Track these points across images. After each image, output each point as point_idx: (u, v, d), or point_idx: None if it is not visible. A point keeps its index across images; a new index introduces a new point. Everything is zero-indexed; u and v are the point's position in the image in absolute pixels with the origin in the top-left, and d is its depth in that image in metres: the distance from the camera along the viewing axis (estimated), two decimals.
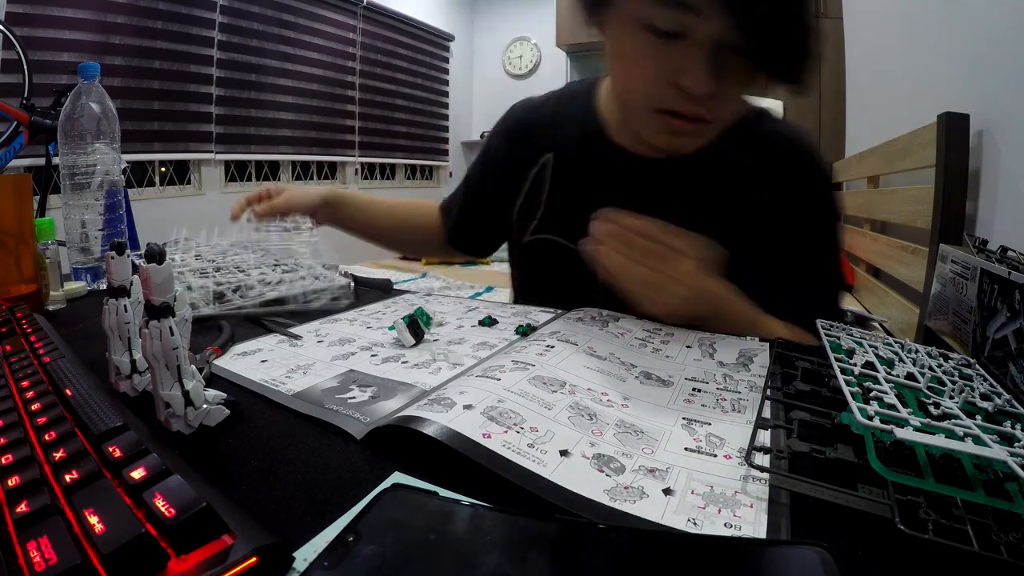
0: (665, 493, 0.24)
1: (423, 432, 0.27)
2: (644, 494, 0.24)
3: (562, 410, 0.30)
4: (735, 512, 0.23)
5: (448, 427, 0.27)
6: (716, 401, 0.34)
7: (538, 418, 0.29)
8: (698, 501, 0.23)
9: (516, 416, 0.29)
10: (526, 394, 0.32)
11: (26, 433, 0.25)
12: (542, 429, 0.28)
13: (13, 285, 0.55)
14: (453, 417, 0.28)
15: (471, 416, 0.28)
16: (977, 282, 0.54)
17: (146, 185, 2.66)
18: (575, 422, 0.29)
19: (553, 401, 0.31)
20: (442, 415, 0.28)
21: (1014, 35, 1.06)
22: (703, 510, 0.23)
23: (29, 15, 2.06)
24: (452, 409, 0.29)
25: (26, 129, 1.73)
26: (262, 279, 0.59)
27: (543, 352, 0.39)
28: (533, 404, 0.31)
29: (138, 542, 0.17)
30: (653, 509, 0.23)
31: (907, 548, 0.21)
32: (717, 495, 0.24)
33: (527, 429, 0.28)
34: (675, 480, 0.25)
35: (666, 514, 0.22)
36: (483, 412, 0.29)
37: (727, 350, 0.43)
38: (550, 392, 0.32)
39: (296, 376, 0.38)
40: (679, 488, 0.24)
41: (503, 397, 0.31)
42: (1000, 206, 1.10)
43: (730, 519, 0.22)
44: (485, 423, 0.28)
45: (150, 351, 0.28)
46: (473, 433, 0.27)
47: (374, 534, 0.19)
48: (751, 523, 0.22)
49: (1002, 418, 0.29)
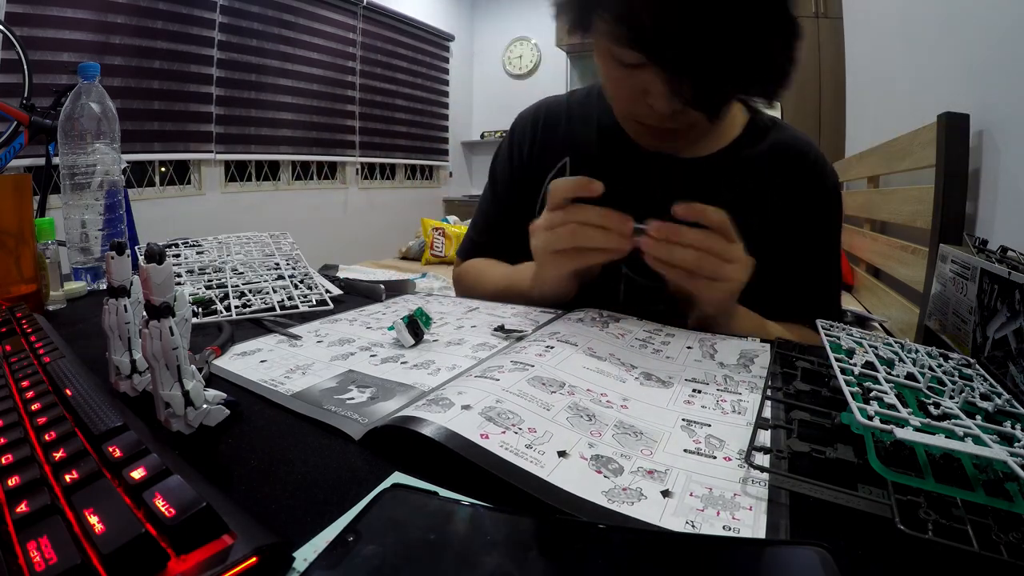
0: (663, 495, 0.24)
1: (420, 432, 0.27)
2: (642, 496, 0.24)
3: (561, 411, 0.30)
4: (734, 515, 0.22)
5: (446, 427, 0.27)
6: (716, 403, 0.33)
7: (536, 419, 0.29)
8: (697, 503, 0.23)
9: (514, 416, 0.29)
10: (525, 395, 0.32)
11: (26, 433, 0.25)
12: (540, 430, 0.28)
13: (13, 285, 0.55)
14: (451, 417, 0.28)
15: (469, 416, 0.28)
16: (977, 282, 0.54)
17: (146, 185, 2.66)
18: (574, 423, 0.29)
19: (552, 402, 0.31)
20: (440, 415, 0.28)
21: (1014, 35, 1.06)
22: (702, 512, 0.23)
23: (29, 15, 2.06)
24: (450, 409, 0.29)
25: (26, 129, 1.73)
26: (248, 285, 0.60)
27: (542, 353, 0.39)
28: (532, 405, 0.30)
29: (138, 542, 0.17)
30: (651, 511, 0.23)
31: (907, 548, 0.21)
32: (716, 497, 0.24)
33: (525, 430, 0.28)
34: (674, 482, 0.25)
35: (664, 516, 0.22)
36: (481, 412, 0.29)
37: (728, 351, 0.43)
38: (549, 393, 0.32)
39: (295, 376, 0.38)
40: (678, 490, 0.24)
41: (501, 397, 0.31)
42: (1000, 206, 1.10)
43: (729, 522, 0.22)
44: (483, 423, 0.28)
45: (150, 351, 0.28)
46: (471, 433, 0.26)
47: (374, 534, 0.19)
48: (750, 526, 0.22)
49: (1002, 418, 0.29)
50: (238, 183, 3.12)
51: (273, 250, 0.73)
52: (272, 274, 0.65)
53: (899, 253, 1.47)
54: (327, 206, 3.60)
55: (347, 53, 3.57)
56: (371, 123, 3.81)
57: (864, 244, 1.87)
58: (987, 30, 1.17)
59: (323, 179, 3.65)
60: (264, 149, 3.13)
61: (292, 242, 0.76)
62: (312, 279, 0.65)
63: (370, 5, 3.63)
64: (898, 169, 1.53)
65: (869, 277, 1.80)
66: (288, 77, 3.19)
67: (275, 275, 0.65)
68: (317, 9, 3.33)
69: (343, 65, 3.55)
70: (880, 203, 1.72)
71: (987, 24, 1.17)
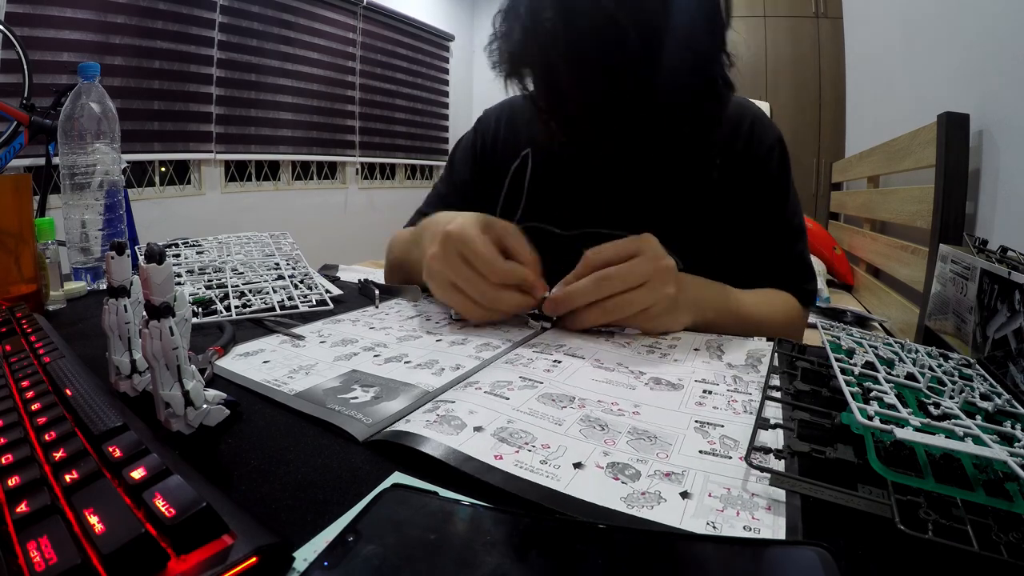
0: (683, 496, 0.24)
1: (433, 456, 0.26)
2: (661, 499, 0.23)
3: (573, 424, 0.30)
4: (753, 515, 0.22)
5: (459, 451, 0.27)
6: (727, 403, 0.33)
7: (549, 435, 0.29)
8: (716, 504, 0.23)
9: (527, 436, 0.29)
10: (536, 412, 0.31)
11: (26, 433, 0.25)
12: (554, 445, 0.28)
13: (13, 285, 0.55)
14: (464, 440, 0.28)
15: (481, 439, 0.28)
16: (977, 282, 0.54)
17: (146, 185, 2.66)
18: (587, 434, 0.29)
19: (563, 417, 0.31)
20: (452, 438, 0.28)
21: (1014, 35, 1.06)
22: (721, 513, 0.22)
23: (29, 15, 2.06)
24: (462, 432, 0.29)
25: (26, 129, 1.72)
26: (248, 285, 0.60)
27: (550, 368, 0.39)
28: (543, 422, 0.30)
29: (138, 542, 0.17)
30: (671, 514, 0.22)
31: (907, 548, 0.21)
32: (735, 497, 0.23)
33: (539, 446, 0.28)
34: (692, 483, 0.25)
35: (684, 518, 0.22)
36: (493, 434, 0.29)
37: (735, 352, 0.43)
38: (559, 408, 0.32)
39: (298, 376, 0.38)
40: (696, 491, 0.24)
41: (513, 417, 0.31)
42: (1000, 206, 1.10)
43: (749, 522, 0.22)
44: (496, 444, 0.28)
45: (150, 351, 0.28)
46: (484, 456, 0.26)
47: (374, 534, 0.19)
48: (770, 526, 0.22)
49: (1002, 418, 0.29)
50: (238, 183, 3.12)
51: (273, 250, 0.73)
52: (272, 274, 0.65)
53: (899, 253, 1.47)
54: (327, 206, 3.60)
55: (347, 53, 3.57)
56: (371, 123, 3.81)
57: (864, 244, 1.88)
58: (987, 30, 1.17)
59: (323, 179, 3.65)
60: (264, 149, 3.13)
61: (292, 242, 0.76)
62: (312, 279, 0.65)
63: (370, 5, 3.62)
64: (898, 169, 1.53)
65: (869, 277, 1.80)
66: (288, 77, 3.19)
67: (275, 275, 0.65)
68: (317, 9, 3.33)
69: (343, 65, 3.55)
70: (880, 203, 1.72)
71: (987, 24, 1.17)
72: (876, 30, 2.15)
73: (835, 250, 2.06)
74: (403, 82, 4.04)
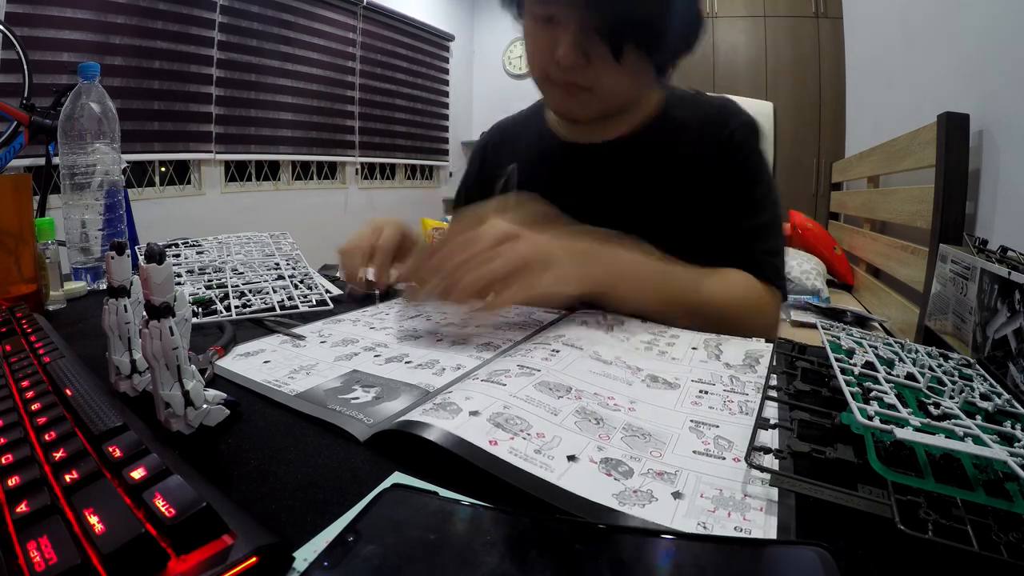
0: (674, 496, 0.24)
1: (429, 439, 0.27)
2: (653, 498, 0.24)
3: (568, 415, 0.30)
4: (745, 516, 0.22)
5: (454, 434, 0.27)
6: (723, 403, 0.33)
7: (545, 424, 0.29)
8: (708, 504, 0.23)
9: (522, 422, 0.29)
10: (532, 400, 0.32)
11: (26, 433, 0.25)
12: (549, 435, 0.28)
13: (13, 285, 0.55)
14: (459, 424, 0.28)
15: (477, 423, 0.28)
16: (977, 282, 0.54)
17: (146, 185, 2.66)
18: (582, 427, 0.29)
19: (559, 407, 0.31)
20: (448, 421, 0.28)
21: (1014, 35, 1.06)
22: (712, 513, 0.23)
23: (29, 15, 2.06)
24: (458, 416, 0.29)
25: (26, 129, 1.72)
26: (248, 285, 0.60)
27: (548, 357, 0.39)
28: (539, 410, 0.30)
29: (138, 542, 0.17)
30: (663, 513, 0.23)
31: (907, 548, 0.21)
32: (727, 498, 0.24)
33: (534, 435, 0.28)
34: (684, 483, 0.25)
35: (676, 518, 0.22)
36: (489, 419, 0.29)
37: (733, 351, 0.43)
38: (556, 397, 0.32)
39: (299, 377, 0.38)
40: (688, 491, 0.24)
41: (509, 403, 0.31)
42: (1000, 206, 1.10)
43: (740, 523, 0.22)
44: (491, 430, 0.28)
45: (150, 351, 0.28)
46: (479, 440, 0.26)
47: (374, 534, 0.19)
48: (761, 526, 0.22)
49: (1002, 418, 0.29)
50: (238, 183, 3.12)
51: (273, 250, 0.73)
52: (272, 274, 0.65)
53: (899, 253, 1.47)
54: (327, 206, 3.59)
55: (347, 53, 3.57)
56: (371, 123, 3.81)
57: (864, 244, 1.88)
58: (987, 30, 1.17)
59: (323, 179, 3.65)
60: (264, 149, 3.13)
61: (292, 242, 0.76)
62: (312, 279, 0.65)
63: (370, 5, 3.63)
64: (898, 169, 1.53)
65: (869, 277, 1.81)
66: (288, 77, 3.19)
67: (275, 275, 0.65)
68: (317, 9, 3.33)
69: (343, 65, 3.55)
70: (880, 203, 1.72)
71: (987, 24, 1.17)
72: (876, 30, 2.15)
73: (835, 250, 2.07)
74: (403, 82, 4.04)
